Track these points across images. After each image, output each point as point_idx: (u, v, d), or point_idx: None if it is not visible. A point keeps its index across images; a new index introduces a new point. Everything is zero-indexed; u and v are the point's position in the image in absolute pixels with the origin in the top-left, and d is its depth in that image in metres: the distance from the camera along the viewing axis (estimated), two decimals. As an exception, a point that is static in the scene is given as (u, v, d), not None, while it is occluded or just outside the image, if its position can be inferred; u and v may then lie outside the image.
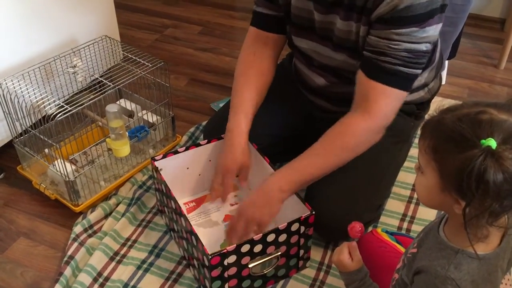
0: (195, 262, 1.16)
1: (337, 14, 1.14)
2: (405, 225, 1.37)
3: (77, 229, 1.34)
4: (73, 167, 1.38)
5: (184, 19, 2.39)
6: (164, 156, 1.28)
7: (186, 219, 1.12)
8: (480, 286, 0.78)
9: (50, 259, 1.30)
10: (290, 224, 1.10)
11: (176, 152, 1.29)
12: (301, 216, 1.11)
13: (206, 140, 1.33)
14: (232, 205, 1.39)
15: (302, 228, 1.13)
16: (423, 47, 1.06)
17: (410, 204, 1.43)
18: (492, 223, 0.74)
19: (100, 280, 1.23)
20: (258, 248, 1.09)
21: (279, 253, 1.13)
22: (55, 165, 1.35)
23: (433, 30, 1.05)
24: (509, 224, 0.76)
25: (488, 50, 2.15)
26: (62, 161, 1.32)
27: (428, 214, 1.39)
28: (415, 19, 1.02)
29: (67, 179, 1.33)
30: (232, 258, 1.07)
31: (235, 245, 1.06)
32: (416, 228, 1.35)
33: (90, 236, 1.34)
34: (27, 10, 1.50)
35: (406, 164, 1.45)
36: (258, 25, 1.31)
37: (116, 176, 1.47)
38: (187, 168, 1.33)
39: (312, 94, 1.36)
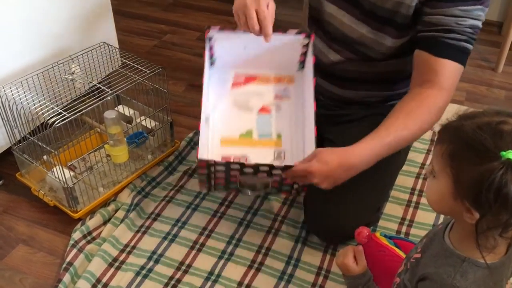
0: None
1: None
2: (404, 229, 1.37)
3: (76, 235, 1.34)
4: (72, 173, 1.38)
5: (182, 25, 2.40)
6: (222, 29, 1.18)
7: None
8: None
9: (49, 266, 1.30)
10: (287, 167, 1.06)
11: (235, 28, 1.17)
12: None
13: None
14: (275, 97, 1.29)
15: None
16: (480, 24, 1.10)
17: (409, 208, 1.43)
18: (502, 235, 0.73)
19: (99, 286, 1.23)
20: (248, 170, 1.06)
21: (272, 179, 1.09)
22: (53, 171, 1.35)
23: (486, 11, 1.10)
24: None
25: (486, 54, 2.16)
26: (60, 167, 1.32)
27: (427, 218, 1.39)
28: None
29: (66, 185, 1.33)
30: (220, 168, 1.04)
31: (224, 161, 1.04)
32: (415, 232, 1.35)
33: (89, 242, 1.34)
34: (26, 17, 1.51)
35: (405, 167, 1.45)
36: None
37: (115, 182, 1.47)
38: (244, 48, 1.23)
39: (322, 76, 1.33)
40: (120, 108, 1.59)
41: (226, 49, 1.12)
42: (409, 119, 1.09)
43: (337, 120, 1.37)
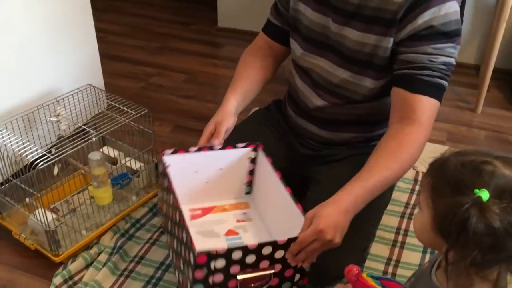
0: (181, 264, 1.07)
1: (354, 26, 1.18)
2: (390, 269, 1.36)
3: (57, 280, 1.30)
4: (54, 216, 1.36)
5: (169, 68, 2.43)
6: (175, 152, 1.21)
7: (180, 213, 1.04)
8: None
9: (28, 313, 1.26)
10: (290, 240, 1.01)
11: (187, 151, 1.22)
12: None
13: (220, 146, 1.24)
14: (238, 221, 1.32)
15: None
16: (453, 61, 1.15)
17: (394, 247, 1.43)
18: (477, 274, 0.74)
19: (80, 333, 1.19)
20: (251, 258, 1.01)
21: (273, 271, 1.05)
22: (35, 214, 1.33)
23: (458, 49, 1.15)
24: (499, 281, 0.75)
25: (465, 95, 2.22)
26: (43, 210, 1.30)
27: (413, 258, 1.39)
28: (449, 35, 1.11)
29: (48, 228, 1.31)
30: (220, 263, 0.99)
31: (226, 248, 0.98)
32: (402, 272, 1.35)
33: (70, 287, 1.30)
34: (11, 58, 1.52)
35: (389, 207, 1.46)
36: (266, 32, 1.42)
37: (98, 225, 1.45)
38: (196, 172, 1.26)
39: (306, 119, 1.37)
40: (105, 149, 1.59)
41: (179, 177, 1.15)
42: (390, 159, 1.12)
43: (322, 160, 1.38)
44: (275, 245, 1.01)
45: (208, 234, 1.28)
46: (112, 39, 2.69)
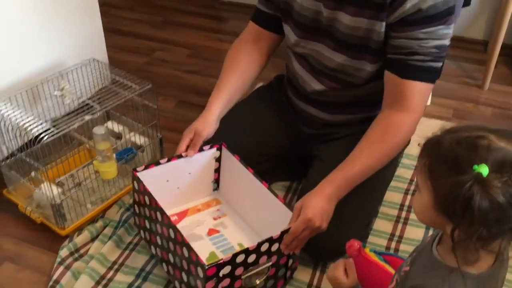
0: (184, 276, 1.13)
1: (346, 10, 1.17)
2: (393, 244, 1.37)
3: (63, 252, 1.32)
4: (60, 190, 1.37)
5: (173, 42, 2.41)
6: (146, 167, 1.26)
7: (175, 230, 1.09)
8: None
9: (36, 284, 1.28)
10: (283, 233, 1.11)
11: (158, 164, 1.28)
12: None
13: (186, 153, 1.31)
14: (215, 219, 1.38)
15: None
16: (447, 42, 1.13)
17: (398, 223, 1.43)
18: (483, 247, 0.74)
19: (86, 304, 1.21)
20: (252, 258, 1.09)
21: (271, 263, 1.13)
22: (41, 188, 1.34)
23: (452, 27, 1.13)
24: (501, 251, 0.76)
25: (472, 71, 2.19)
26: (48, 184, 1.31)
27: (416, 234, 1.39)
28: (439, 17, 1.10)
29: (53, 202, 1.32)
30: (227, 269, 1.06)
31: (231, 255, 1.05)
32: (404, 247, 1.36)
33: (76, 259, 1.32)
34: (15, 32, 1.51)
35: (393, 183, 1.46)
36: (256, 21, 1.38)
37: (103, 199, 1.46)
38: (167, 181, 1.32)
39: (306, 102, 1.37)
40: (110, 124, 1.59)
41: (153, 189, 1.20)
42: (374, 149, 1.17)
43: (324, 138, 1.38)
44: (271, 241, 1.10)
45: (191, 238, 1.31)
46: (115, 13, 2.65)
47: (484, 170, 0.69)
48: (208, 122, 1.29)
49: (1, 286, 1.27)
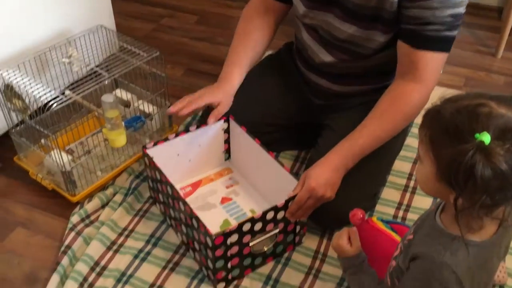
0: (196, 245, 1.17)
1: None
2: (400, 213, 1.38)
3: (74, 219, 1.34)
4: (70, 157, 1.38)
5: (180, 9, 2.37)
6: (155, 144, 1.28)
7: (185, 203, 1.13)
8: (476, 272, 0.79)
9: (48, 249, 1.31)
10: (287, 201, 1.13)
11: (167, 139, 1.30)
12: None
13: (195, 126, 1.33)
14: (227, 187, 1.41)
15: None
16: (462, 10, 1.10)
17: (406, 193, 1.44)
18: (486, 215, 0.74)
19: (97, 269, 1.24)
20: (258, 226, 1.11)
21: (278, 230, 1.16)
22: (51, 155, 1.35)
23: None
24: (505, 217, 0.76)
25: (485, 39, 2.15)
26: (58, 151, 1.32)
27: (423, 203, 1.40)
28: None
29: (64, 169, 1.33)
30: (234, 237, 1.09)
31: (237, 224, 1.07)
32: (412, 216, 1.36)
33: (87, 226, 1.34)
34: (22, 0, 1.49)
35: (402, 153, 1.46)
36: None
37: (113, 166, 1.48)
38: (178, 155, 1.34)
39: (316, 73, 1.35)
40: (118, 92, 1.59)
41: (164, 164, 1.23)
42: (383, 119, 1.17)
43: (336, 108, 1.37)
44: (276, 209, 1.12)
45: (205, 207, 1.34)
46: (121, -22, 2.61)
47: (486, 138, 0.68)
48: (229, 95, 1.30)
49: (14, 251, 1.30)
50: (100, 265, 1.24)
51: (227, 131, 1.39)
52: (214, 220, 1.11)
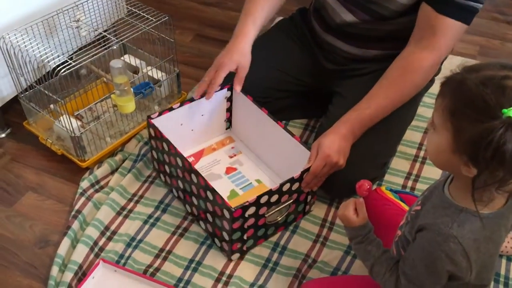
0: (209, 216, 1.17)
1: None
2: (409, 183, 1.38)
3: (84, 184, 1.35)
4: (79, 123, 1.38)
5: (189, -28, 2.32)
6: (160, 114, 1.27)
7: (197, 174, 1.12)
8: (482, 244, 0.79)
9: (58, 213, 1.32)
10: (303, 172, 1.13)
11: (171, 109, 1.29)
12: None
13: (199, 96, 1.31)
14: (231, 157, 1.40)
15: None
16: None
17: (415, 162, 1.43)
18: (499, 188, 0.74)
19: (108, 233, 1.25)
20: (274, 198, 1.12)
21: (291, 200, 1.17)
22: (60, 120, 1.35)
23: None
24: None
25: (502, 6, 2.09)
26: (67, 116, 1.32)
27: (433, 173, 1.39)
28: None
29: (73, 134, 1.34)
30: (251, 210, 1.09)
31: (256, 197, 1.08)
32: (421, 186, 1.36)
33: (97, 191, 1.35)
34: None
35: (413, 122, 1.44)
36: None
37: (122, 133, 1.48)
38: (181, 124, 1.33)
39: (334, 34, 1.32)
40: (126, 57, 1.57)
41: (168, 134, 1.21)
42: (391, 89, 1.15)
43: (348, 74, 1.35)
44: (292, 181, 1.13)
45: (210, 177, 1.34)
46: None
47: None
48: (248, 54, 1.26)
49: (25, 215, 1.32)
50: (110, 230, 1.26)
51: (229, 99, 1.38)
52: (221, 191, 1.10)
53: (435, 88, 1.50)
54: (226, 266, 1.18)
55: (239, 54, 1.24)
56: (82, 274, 1.16)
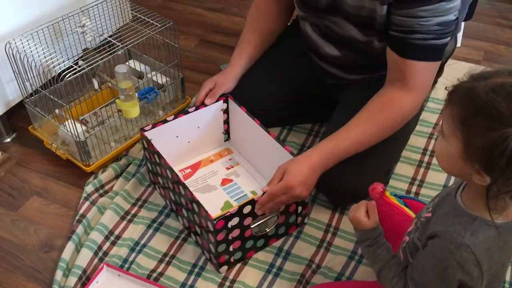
0: (198, 229, 1.17)
1: None
2: (414, 188, 1.37)
3: (89, 188, 1.36)
4: (84, 127, 1.39)
5: (194, -22, 2.34)
6: (154, 126, 1.27)
7: (185, 187, 1.12)
8: (495, 254, 0.78)
9: (63, 218, 1.33)
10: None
11: (165, 121, 1.29)
12: None
13: (194, 107, 1.32)
14: (227, 168, 1.40)
15: None
16: (452, 16, 1.05)
17: (420, 168, 1.42)
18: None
19: (112, 238, 1.25)
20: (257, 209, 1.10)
21: (279, 211, 1.15)
22: (65, 125, 1.36)
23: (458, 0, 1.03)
24: None
25: (506, 11, 2.09)
26: (72, 121, 1.33)
27: (438, 179, 1.38)
28: None
29: (78, 139, 1.34)
30: (235, 220, 1.08)
31: (237, 207, 1.07)
32: (425, 192, 1.35)
33: (101, 195, 1.36)
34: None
35: (417, 127, 1.44)
36: None
37: (127, 137, 1.48)
38: (177, 137, 1.33)
39: (324, 62, 1.34)
40: (131, 62, 1.58)
41: (163, 146, 1.22)
42: (370, 123, 1.13)
43: (348, 86, 1.35)
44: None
45: (206, 189, 1.33)
46: None
47: None
48: (230, 77, 1.33)
49: (30, 219, 1.33)
50: (114, 234, 1.26)
51: (226, 111, 1.38)
52: (215, 202, 1.10)
53: (438, 93, 1.50)
54: (229, 271, 1.18)
55: (220, 75, 1.34)
56: (86, 278, 1.16)
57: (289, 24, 1.48)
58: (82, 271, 1.17)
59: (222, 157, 1.43)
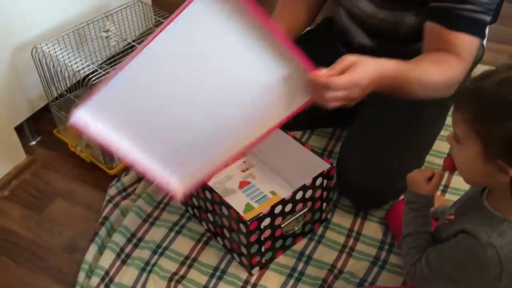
0: (226, 232, 1.17)
1: None
2: (438, 194, 1.35)
3: (112, 191, 1.37)
4: (107, 131, 1.40)
5: (215, -16, 2.35)
6: None
7: (211, 191, 1.12)
8: None
9: (86, 220, 1.34)
10: (315, 179, 1.12)
11: None
12: (323, 170, 1.14)
13: None
14: (243, 171, 1.39)
15: (325, 182, 1.16)
16: None
17: (444, 173, 1.40)
18: None
19: (134, 240, 1.26)
20: (288, 207, 1.11)
21: (306, 209, 1.16)
22: (89, 128, 1.37)
23: None
24: None
25: (532, 15, 2.05)
26: (96, 124, 1.34)
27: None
28: None
29: (102, 142, 1.36)
30: (267, 221, 1.09)
31: (269, 207, 1.07)
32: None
33: (124, 198, 1.37)
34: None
35: (442, 132, 1.42)
36: None
37: (149, 141, 1.49)
38: None
39: (355, 53, 1.32)
40: (154, 67, 1.59)
41: None
42: (434, 67, 1.03)
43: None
44: (304, 188, 1.11)
45: (225, 193, 1.32)
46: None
47: None
48: None
49: (54, 221, 1.35)
50: (136, 237, 1.27)
51: None
52: (236, 206, 1.09)
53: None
54: (251, 275, 1.18)
55: None
56: (109, 280, 1.17)
57: (309, 29, 1.48)
58: (104, 272, 1.18)
59: (236, 161, 1.43)
